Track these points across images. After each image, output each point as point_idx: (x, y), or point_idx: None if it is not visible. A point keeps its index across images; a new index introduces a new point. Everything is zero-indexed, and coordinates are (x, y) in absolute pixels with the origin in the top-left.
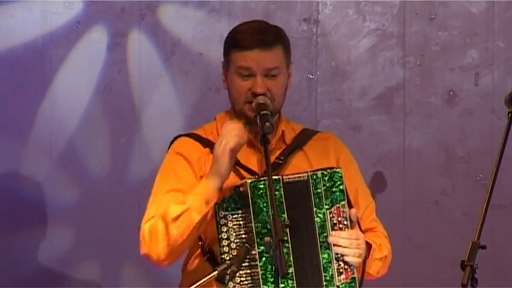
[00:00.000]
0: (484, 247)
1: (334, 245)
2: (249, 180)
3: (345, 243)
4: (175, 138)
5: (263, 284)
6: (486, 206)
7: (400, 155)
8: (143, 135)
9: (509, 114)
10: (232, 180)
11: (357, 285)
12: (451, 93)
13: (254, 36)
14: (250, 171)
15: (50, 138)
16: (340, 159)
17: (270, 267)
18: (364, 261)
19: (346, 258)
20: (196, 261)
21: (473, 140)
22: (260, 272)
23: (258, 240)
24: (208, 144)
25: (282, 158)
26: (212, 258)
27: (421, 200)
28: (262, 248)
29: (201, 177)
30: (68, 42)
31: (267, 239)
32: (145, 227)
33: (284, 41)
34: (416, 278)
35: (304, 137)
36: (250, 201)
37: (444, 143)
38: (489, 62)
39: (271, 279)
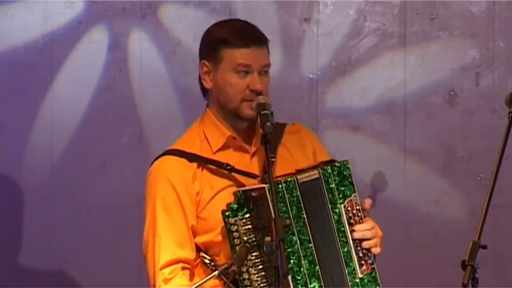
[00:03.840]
0: (484, 247)
1: (361, 239)
2: (267, 185)
3: (370, 235)
4: (158, 158)
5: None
6: (487, 205)
7: (401, 155)
8: (144, 135)
9: (510, 114)
10: (230, 187)
11: (377, 274)
12: (452, 93)
13: (248, 34)
14: (249, 175)
15: (51, 138)
16: (316, 148)
17: (297, 268)
18: None
19: (374, 250)
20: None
21: (474, 140)
22: (290, 275)
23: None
24: (195, 159)
25: (273, 155)
26: (216, 267)
27: (422, 200)
28: (289, 250)
29: (197, 193)
30: (69, 42)
31: (267, 238)
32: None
33: (267, 40)
34: (417, 277)
35: (279, 131)
36: (270, 204)
37: (445, 142)
38: (490, 62)
39: (301, 281)
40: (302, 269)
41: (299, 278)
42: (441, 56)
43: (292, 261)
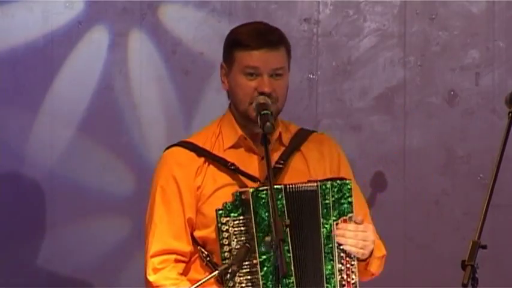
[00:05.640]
0: (484, 247)
1: (339, 236)
2: (251, 189)
3: (350, 235)
4: (169, 147)
5: None
6: (486, 205)
7: (401, 155)
8: (144, 135)
9: (510, 114)
10: (232, 186)
11: None
12: (452, 93)
13: (261, 36)
14: (251, 177)
15: (51, 138)
16: (333, 161)
17: (271, 276)
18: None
19: (350, 249)
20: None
21: (474, 140)
22: (261, 282)
23: (261, 249)
24: (203, 153)
25: (282, 161)
26: (211, 262)
27: (422, 200)
28: (264, 257)
29: (198, 187)
30: (69, 42)
31: (267, 238)
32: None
33: (286, 42)
34: (417, 278)
35: (301, 137)
36: (252, 210)
37: (445, 142)
38: (490, 62)
39: None
40: (275, 278)
41: (271, 286)
42: (441, 56)
43: (266, 268)
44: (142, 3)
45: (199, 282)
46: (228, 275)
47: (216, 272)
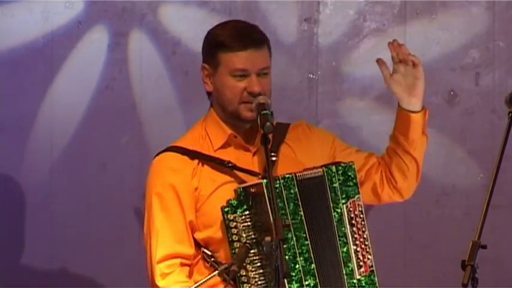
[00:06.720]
0: (484, 247)
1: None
2: (265, 181)
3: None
4: (158, 154)
5: (288, 283)
6: (487, 205)
7: None
8: (144, 135)
9: (510, 114)
10: (230, 183)
11: (376, 277)
12: (452, 93)
13: (244, 36)
14: (250, 173)
15: (51, 138)
16: (321, 139)
17: (292, 265)
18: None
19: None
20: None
21: (474, 140)
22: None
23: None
24: (196, 156)
25: (274, 154)
26: (216, 262)
27: (422, 200)
28: (284, 246)
29: (196, 189)
30: (69, 42)
31: (267, 239)
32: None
33: (267, 39)
34: (417, 277)
35: (282, 130)
36: (267, 201)
37: (445, 142)
38: (490, 62)
39: (296, 278)
40: (297, 266)
41: (294, 274)
42: (441, 56)
43: (287, 257)
44: (142, 3)
45: (200, 282)
46: (229, 276)
47: (216, 272)
